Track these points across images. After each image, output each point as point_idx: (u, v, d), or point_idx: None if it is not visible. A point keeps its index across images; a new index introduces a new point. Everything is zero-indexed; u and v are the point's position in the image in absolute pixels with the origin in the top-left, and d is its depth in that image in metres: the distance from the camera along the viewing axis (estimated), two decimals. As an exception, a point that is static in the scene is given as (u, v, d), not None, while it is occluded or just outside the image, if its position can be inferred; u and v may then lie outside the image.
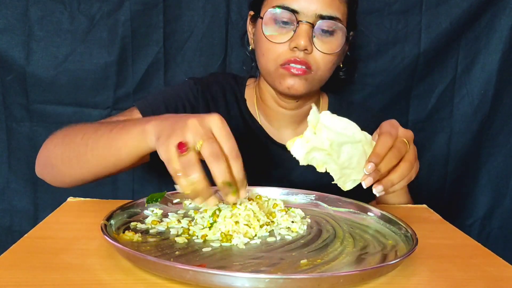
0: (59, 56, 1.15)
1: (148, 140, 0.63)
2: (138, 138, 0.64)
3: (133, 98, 1.20)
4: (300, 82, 0.85)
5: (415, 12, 1.22)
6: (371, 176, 0.61)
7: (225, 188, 0.57)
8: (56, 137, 0.79)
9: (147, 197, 0.71)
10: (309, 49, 0.83)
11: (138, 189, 1.24)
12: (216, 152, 0.55)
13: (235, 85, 1.00)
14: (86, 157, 0.72)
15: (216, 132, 0.57)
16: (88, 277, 0.50)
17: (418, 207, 0.85)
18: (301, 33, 0.82)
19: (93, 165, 0.73)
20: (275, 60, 0.86)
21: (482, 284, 0.53)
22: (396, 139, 0.64)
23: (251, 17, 0.95)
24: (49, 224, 0.67)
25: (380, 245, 0.62)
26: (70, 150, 0.74)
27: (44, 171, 0.82)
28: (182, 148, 0.55)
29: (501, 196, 1.36)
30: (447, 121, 1.31)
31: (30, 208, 1.23)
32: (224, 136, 0.57)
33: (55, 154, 0.77)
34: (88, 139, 0.71)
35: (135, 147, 0.65)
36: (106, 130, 0.70)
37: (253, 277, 0.46)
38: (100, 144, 0.70)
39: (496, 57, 1.26)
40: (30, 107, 1.17)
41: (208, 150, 0.55)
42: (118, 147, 0.67)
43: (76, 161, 0.74)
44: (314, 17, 0.83)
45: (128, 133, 0.66)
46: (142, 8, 1.15)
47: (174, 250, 0.57)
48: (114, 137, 0.68)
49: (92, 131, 0.72)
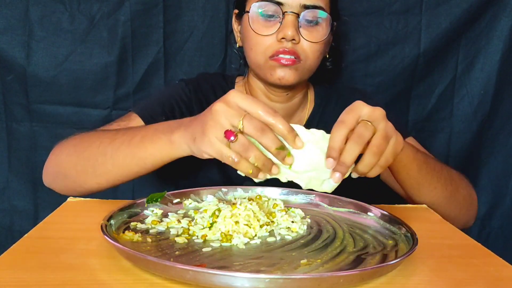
0: (59, 56, 1.15)
1: (179, 150, 0.64)
2: (166, 149, 0.66)
3: (133, 98, 1.20)
4: (291, 72, 0.87)
5: (415, 12, 1.23)
6: (338, 171, 0.59)
7: (280, 154, 0.57)
8: (66, 146, 0.79)
9: (147, 197, 0.71)
10: (297, 39, 0.85)
11: (138, 189, 1.24)
12: (258, 125, 0.56)
13: (224, 83, 1.01)
14: (105, 166, 0.72)
15: (244, 104, 0.57)
16: (88, 277, 0.50)
17: (418, 207, 0.85)
18: (287, 23, 0.84)
19: (112, 174, 0.73)
20: (264, 53, 0.87)
21: (482, 284, 0.53)
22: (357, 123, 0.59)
23: (236, 15, 0.96)
24: (49, 224, 0.67)
25: (380, 245, 0.62)
26: (85, 159, 0.74)
27: (55, 181, 0.82)
28: (230, 135, 0.56)
29: (501, 196, 1.36)
30: (447, 121, 1.31)
31: (30, 208, 1.24)
32: (252, 103, 0.57)
33: (68, 164, 0.77)
34: (106, 148, 0.72)
35: (162, 157, 0.67)
36: (124, 139, 0.71)
37: (253, 277, 0.46)
38: (121, 154, 0.70)
39: (496, 57, 1.26)
40: (30, 107, 1.18)
41: (250, 127, 0.55)
42: (143, 157, 0.69)
43: (92, 170, 0.74)
44: (299, 7, 0.84)
45: (153, 144, 0.67)
46: (142, 8, 1.15)
47: (174, 250, 0.57)
48: (137, 146, 0.69)
49: (109, 140, 0.72)
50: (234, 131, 0.56)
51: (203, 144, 0.59)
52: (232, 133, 0.56)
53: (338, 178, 0.60)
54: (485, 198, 1.36)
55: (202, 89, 0.98)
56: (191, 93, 0.96)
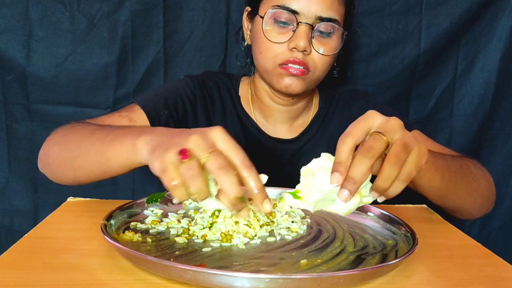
0: (59, 56, 1.15)
1: (139, 156, 0.58)
2: (128, 152, 0.60)
3: (133, 98, 1.20)
4: (298, 82, 0.86)
5: (415, 12, 1.23)
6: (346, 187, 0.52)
7: (237, 204, 0.51)
8: (55, 135, 0.78)
9: (147, 197, 0.71)
10: (308, 50, 0.84)
11: (138, 189, 1.24)
12: (224, 164, 0.50)
13: (228, 82, 1.00)
14: (79, 160, 0.70)
15: (222, 145, 0.52)
16: (88, 277, 0.50)
17: (418, 207, 0.85)
18: (301, 34, 0.83)
19: (85, 169, 0.71)
20: (273, 59, 0.86)
21: (482, 284, 0.53)
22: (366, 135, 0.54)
23: (248, 13, 0.95)
24: (49, 224, 0.67)
25: (380, 245, 0.62)
26: (65, 151, 0.73)
27: (45, 168, 0.82)
28: (184, 154, 0.50)
29: (501, 196, 1.36)
30: (447, 121, 1.31)
31: (30, 208, 1.24)
32: (232, 147, 0.52)
33: (52, 154, 0.76)
34: (82, 142, 0.70)
35: (125, 160, 0.62)
36: (101, 135, 0.68)
37: (253, 277, 0.46)
38: (93, 150, 0.68)
39: (496, 57, 1.26)
40: (30, 107, 1.18)
41: (214, 162, 0.50)
42: (109, 157, 0.65)
43: (69, 163, 0.72)
44: (314, 18, 0.83)
45: (119, 145, 0.63)
46: (142, 8, 1.15)
47: (174, 250, 0.57)
48: (107, 145, 0.65)
49: (88, 134, 0.70)
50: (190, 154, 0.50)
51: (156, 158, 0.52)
52: (187, 151, 0.50)
53: (346, 196, 0.52)
54: (485, 198, 1.36)
55: (207, 87, 0.97)
56: (196, 89, 0.95)
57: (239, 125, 0.97)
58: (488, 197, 0.84)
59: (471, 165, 0.82)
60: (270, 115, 0.98)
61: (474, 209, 0.83)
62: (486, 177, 0.83)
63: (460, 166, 0.77)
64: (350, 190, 0.52)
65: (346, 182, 0.52)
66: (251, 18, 0.93)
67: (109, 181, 1.23)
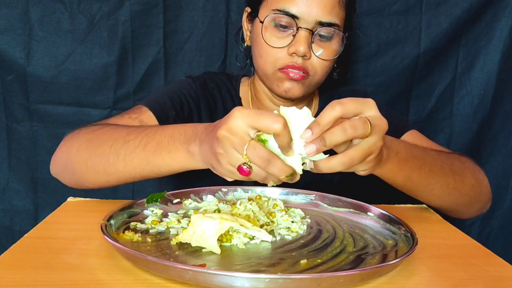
0: (59, 56, 1.15)
1: (196, 164, 0.63)
2: (184, 161, 0.64)
3: (133, 98, 1.20)
4: (298, 86, 0.86)
5: (415, 12, 1.23)
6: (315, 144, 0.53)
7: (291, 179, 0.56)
8: (78, 140, 0.76)
9: (147, 197, 0.71)
10: (308, 55, 0.84)
11: (138, 189, 1.24)
12: (263, 155, 0.53)
13: (228, 83, 1.00)
14: (117, 166, 0.70)
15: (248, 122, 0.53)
16: (88, 277, 0.50)
17: (418, 207, 0.85)
18: (301, 39, 0.82)
19: (123, 175, 0.71)
20: (273, 64, 0.86)
21: (482, 284, 0.53)
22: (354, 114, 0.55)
23: (247, 14, 0.94)
24: (49, 224, 0.67)
25: (380, 245, 0.62)
26: (97, 157, 0.72)
27: (63, 173, 0.80)
28: (244, 173, 0.54)
29: (501, 196, 1.36)
30: (447, 121, 1.31)
31: (30, 208, 1.24)
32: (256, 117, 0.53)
33: (78, 159, 0.74)
34: (119, 149, 0.70)
35: (180, 167, 0.65)
36: (139, 142, 0.68)
37: (253, 277, 0.46)
38: (135, 157, 0.68)
39: (496, 57, 1.26)
40: (30, 107, 1.18)
41: (256, 159, 0.53)
42: (158, 165, 0.67)
43: (103, 170, 0.72)
44: (314, 23, 0.83)
45: (169, 153, 0.64)
46: (142, 8, 1.15)
47: (174, 250, 0.57)
48: (153, 153, 0.66)
49: (122, 141, 0.70)
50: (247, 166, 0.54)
51: (222, 173, 0.57)
52: (243, 169, 0.54)
53: (311, 151, 0.53)
54: (485, 198, 1.36)
55: (208, 87, 0.97)
56: (198, 90, 0.95)
57: None
58: (477, 197, 0.82)
59: (457, 163, 0.81)
60: None
61: (459, 207, 0.82)
62: (474, 176, 0.82)
63: (441, 165, 0.77)
64: (317, 149, 0.53)
65: (319, 140, 0.53)
66: (251, 19, 0.92)
67: (109, 181, 1.24)
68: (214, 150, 0.55)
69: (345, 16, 0.87)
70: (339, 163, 0.54)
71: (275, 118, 0.52)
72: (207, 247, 0.56)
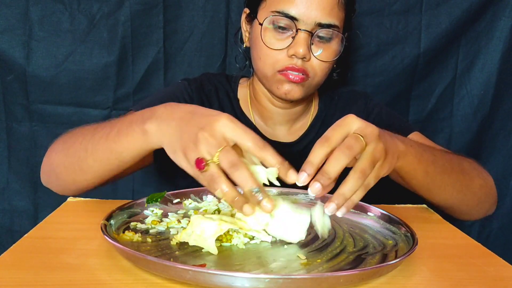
0: (59, 56, 1.15)
1: (152, 142, 0.62)
2: (140, 140, 0.63)
3: (133, 98, 1.20)
4: (297, 88, 0.85)
5: (415, 12, 1.23)
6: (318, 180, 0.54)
7: (253, 197, 0.53)
8: (57, 144, 0.78)
9: (147, 197, 0.71)
10: (307, 57, 0.83)
11: (138, 189, 1.24)
12: (233, 161, 0.53)
13: (227, 84, 1.00)
14: (87, 162, 0.71)
15: (230, 133, 0.54)
16: (88, 277, 0.50)
17: (418, 207, 0.85)
18: (300, 41, 0.82)
19: (95, 169, 0.71)
20: (272, 66, 0.85)
21: (482, 284, 0.53)
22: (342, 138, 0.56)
23: (246, 15, 0.94)
24: (49, 224, 0.67)
25: (380, 245, 0.62)
26: (70, 156, 0.73)
27: (50, 180, 0.81)
28: (200, 165, 0.53)
29: (501, 196, 1.35)
30: (447, 121, 1.31)
31: (30, 208, 1.24)
32: (240, 133, 0.54)
33: (57, 162, 0.76)
34: (87, 144, 0.70)
35: (137, 149, 0.64)
36: (103, 133, 0.68)
37: (253, 277, 0.46)
38: (100, 148, 0.68)
39: (496, 57, 1.26)
40: (30, 107, 1.18)
41: (225, 161, 0.53)
42: (120, 151, 0.66)
43: (78, 167, 0.72)
44: (313, 25, 0.82)
45: (127, 137, 0.64)
46: (142, 8, 1.15)
47: (174, 250, 0.57)
48: (113, 140, 0.66)
49: (90, 135, 0.71)
50: (206, 161, 0.53)
51: (182, 161, 0.57)
52: (202, 162, 0.53)
53: (317, 190, 0.54)
54: (485, 198, 1.36)
55: (204, 90, 0.96)
56: (193, 93, 0.95)
57: None
58: (485, 197, 0.83)
59: (465, 163, 0.81)
60: (269, 117, 0.98)
61: (468, 208, 0.82)
62: (481, 176, 0.83)
63: (451, 163, 0.77)
64: (323, 184, 0.54)
65: (320, 175, 0.54)
66: (250, 20, 0.92)
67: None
68: (187, 144, 0.55)
69: (345, 17, 0.87)
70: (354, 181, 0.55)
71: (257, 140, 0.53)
72: (205, 247, 0.56)
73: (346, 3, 0.86)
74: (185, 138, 0.56)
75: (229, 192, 0.53)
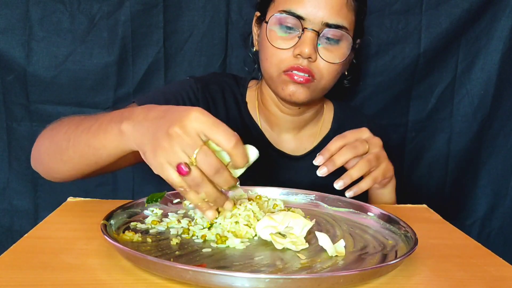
0: (59, 56, 1.15)
1: (128, 144, 0.60)
2: (116, 140, 0.61)
3: (133, 98, 1.20)
4: (302, 89, 0.84)
5: (415, 12, 1.22)
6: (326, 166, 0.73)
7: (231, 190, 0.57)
8: (46, 130, 0.77)
9: (147, 197, 0.71)
10: (313, 57, 0.82)
11: (138, 189, 1.24)
12: (213, 163, 0.53)
13: (235, 85, 0.98)
14: (68, 153, 0.70)
15: (203, 129, 0.52)
16: (88, 277, 0.50)
17: (418, 207, 0.85)
18: (306, 40, 0.81)
19: (75, 161, 0.70)
20: (278, 66, 0.84)
21: (482, 284, 0.53)
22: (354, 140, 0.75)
23: (256, 18, 0.93)
24: (49, 224, 0.67)
25: (380, 245, 0.62)
26: (54, 144, 0.72)
27: (36, 165, 0.81)
28: (183, 171, 0.52)
29: (501, 196, 1.36)
30: (447, 121, 1.31)
31: (30, 208, 1.24)
32: (211, 127, 0.52)
33: (43, 149, 0.75)
34: (70, 134, 0.69)
35: (114, 148, 0.63)
36: (86, 126, 0.67)
37: (253, 277, 0.46)
38: (81, 141, 0.67)
39: (496, 57, 1.26)
40: (30, 107, 1.18)
41: (204, 164, 0.52)
42: (97, 148, 0.65)
43: (59, 157, 0.72)
44: (320, 24, 0.81)
45: (105, 134, 0.63)
46: (142, 8, 1.15)
47: (174, 250, 0.57)
48: (93, 135, 0.65)
49: (75, 127, 0.69)
50: (187, 165, 0.52)
51: (152, 164, 0.55)
52: (184, 167, 0.52)
53: (324, 172, 0.73)
54: (485, 198, 1.36)
55: (210, 90, 0.95)
56: (198, 92, 0.93)
57: (243, 130, 0.95)
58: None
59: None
60: (275, 123, 0.96)
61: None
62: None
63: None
64: (328, 169, 0.73)
65: (329, 162, 0.73)
66: (260, 23, 0.91)
67: (109, 181, 1.24)
68: (157, 142, 0.54)
69: (355, 19, 0.85)
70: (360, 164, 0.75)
71: (228, 135, 0.52)
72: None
73: (356, 4, 0.84)
74: (158, 136, 0.54)
75: (214, 194, 0.55)
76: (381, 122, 1.27)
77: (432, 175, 1.34)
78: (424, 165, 1.34)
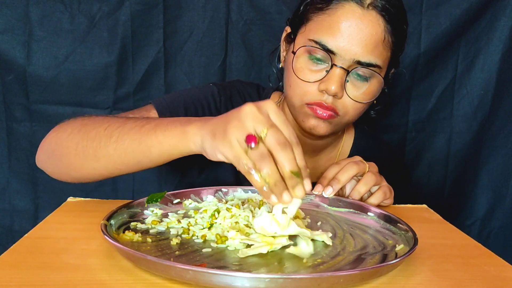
0: (59, 56, 1.15)
1: (191, 143, 0.60)
2: (177, 139, 0.61)
3: (133, 98, 1.20)
4: (324, 124, 0.80)
5: (415, 12, 1.22)
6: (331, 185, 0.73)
7: (292, 179, 0.53)
8: (71, 125, 0.74)
9: (147, 197, 0.71)
10: (339, 95, 0.77)
11: (138, 189, 1.24)
12: (282, 140, 0.52)
13: (257, 98, 0.93)
14: (107, 149, 0.67)
15: (274, 118, 0.54)
16: (88, 277, 0.50)
17: (418, 207, 0.85)
18: (334, 77, 0.75)
19: (112, 159, 0.68)
20: (301, 97, 0.80)
21: (482, 284, 0.53)
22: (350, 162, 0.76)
23: (286, 34, 0.87)
24: (49, 224, 0.67)
25: (380, 245, 0.62)
26: (89, 140, 0.69)
27: (48, 161, 0.77)
28: (251, 140, 0.51)
29: (501, 196, 1.36)
30: (447, 121, 1.31)
31: (30, 208, 1.24)
32: (283, 122, 0.54)
33: (69, 142, 0.71)
34: (113, 131, 0.67)
35: (170, 148, 0.62)
36: (136, 124, 0.65)
37: (253, 277, 0.46)
38: (128, 139, 0.65)
39: (496, 57, 1.26)
40: (31, 107, 1.18)
41: (274, 138, 0.52)
42: (149, 145, 0.63)
43: (93, 153, 0.69)
44: (351, 62, 0.75)
45: (164, 132, 0.62)
46: (142, 8, 1.15)
47: (174, 250, 0.57)
48: (147, 133, 0.64)
49: (118, 124, 0.67)
50: (257, 138, 0.52)
51: (222, 144, 0.54)
52: (254, 138, 0.52)
53: (330, 192, 0.74)
54: (485, 198, 1.36)
55: (233, 101, 0.89)
56: (221, 104, 0.88)
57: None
58: None
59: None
60: None
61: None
62: None
63: None
64: (334, 188, 0.74)
65: (333, 181, 0.74)
66: (290, 41, 0.85)
67: (109, 181, 1.23)
68: (227, 122, 0.54)
69: (390, 56, 0.81)
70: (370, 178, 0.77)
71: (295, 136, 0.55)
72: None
73: (394, 42, 0.79)
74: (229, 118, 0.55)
75: (275, 175, 0.52)
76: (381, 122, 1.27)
77: (432, 175, 1.34)
78: (424, 165, 1.34)
